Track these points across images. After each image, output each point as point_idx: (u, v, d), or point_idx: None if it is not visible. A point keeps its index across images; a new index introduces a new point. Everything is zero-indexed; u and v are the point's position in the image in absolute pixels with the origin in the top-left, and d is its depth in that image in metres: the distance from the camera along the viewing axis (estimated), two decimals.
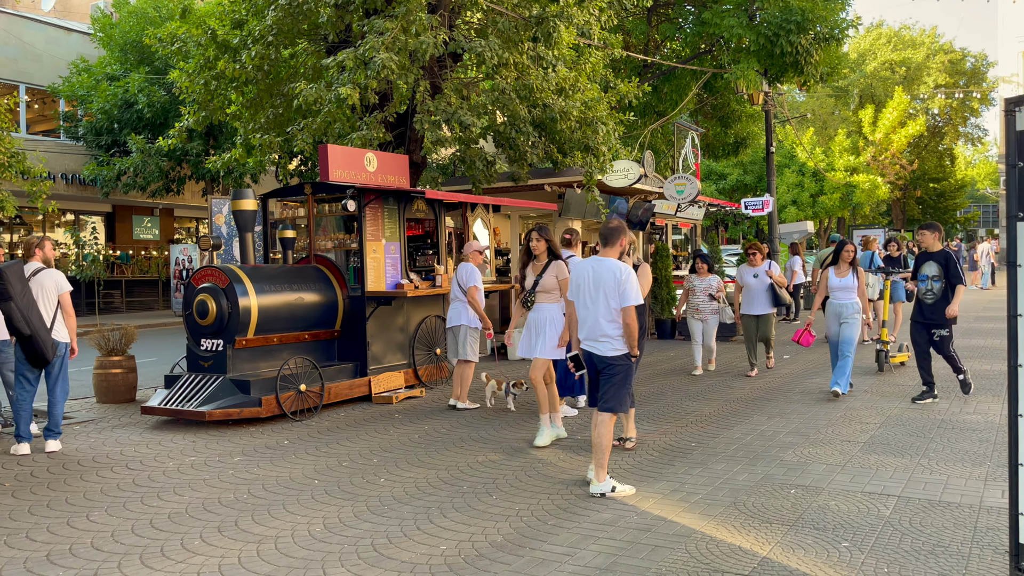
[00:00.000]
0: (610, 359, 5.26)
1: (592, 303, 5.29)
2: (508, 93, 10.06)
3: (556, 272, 6.68)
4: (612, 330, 5.23)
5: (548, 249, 6.73)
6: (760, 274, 9.86)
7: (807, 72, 17.04)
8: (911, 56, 49.86)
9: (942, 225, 8.23)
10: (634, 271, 5.86)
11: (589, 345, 5.35)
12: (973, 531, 4.42)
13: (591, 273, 5.31)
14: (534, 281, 6.70)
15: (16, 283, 6.63)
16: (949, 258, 7.97)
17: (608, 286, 5.20)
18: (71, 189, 22.25)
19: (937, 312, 7.98)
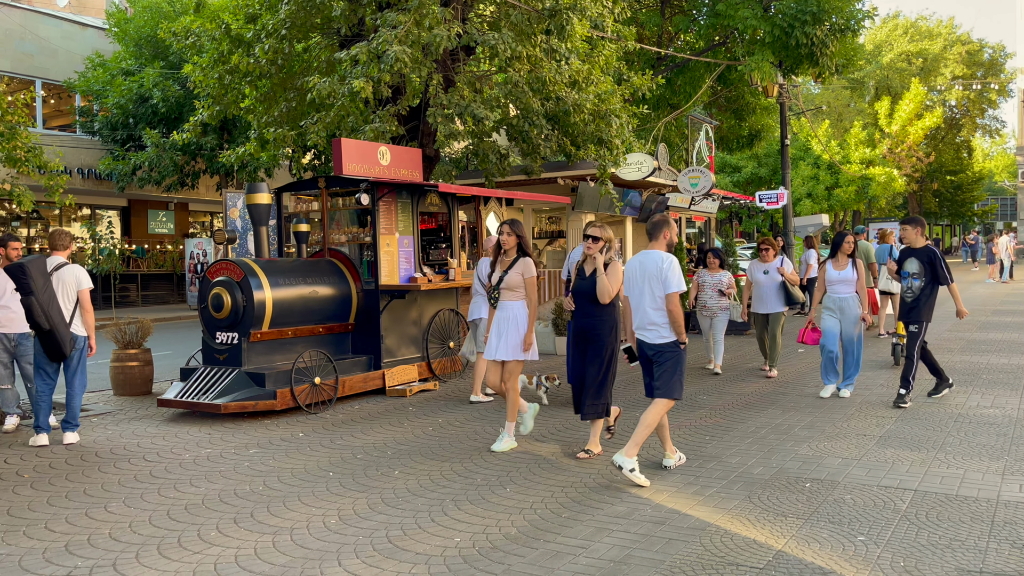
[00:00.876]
0: (659, 346, 5.53)
1: (640, 293, 5.62)
2: (521, 86, 10.03)
3: (523, 269, 6.28)
4: (659, 318, 5.51)
5: (518, 245, 6.35)
6: (771, 271, 9.49)
7: (822, 64, 16.89)
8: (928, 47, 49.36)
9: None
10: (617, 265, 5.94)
11: (639, 334, 5.68)
12: (990, 525, 4.39)
13: (638, 266, 5.66)
14: (499, 277, 6.34)
15: (38, 278, 6.71)
16: (934, 256, 7.52)
17: (652, 276, 5.52)
18: (87, 184, 22.41)
19: (917, 311, 7.57)
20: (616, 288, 5.97)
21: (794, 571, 3.84)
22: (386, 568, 4.02)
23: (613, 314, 6.05)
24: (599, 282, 5.89)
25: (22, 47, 21.71)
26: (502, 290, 6.32)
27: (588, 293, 5.97)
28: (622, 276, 5.86)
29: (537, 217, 15.51)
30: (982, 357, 10.45)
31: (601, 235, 5.94)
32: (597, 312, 5.99)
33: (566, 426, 7.10)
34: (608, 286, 5.89)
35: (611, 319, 6.04)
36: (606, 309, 6.00)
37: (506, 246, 6.36)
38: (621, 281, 5.90)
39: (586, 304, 6.02)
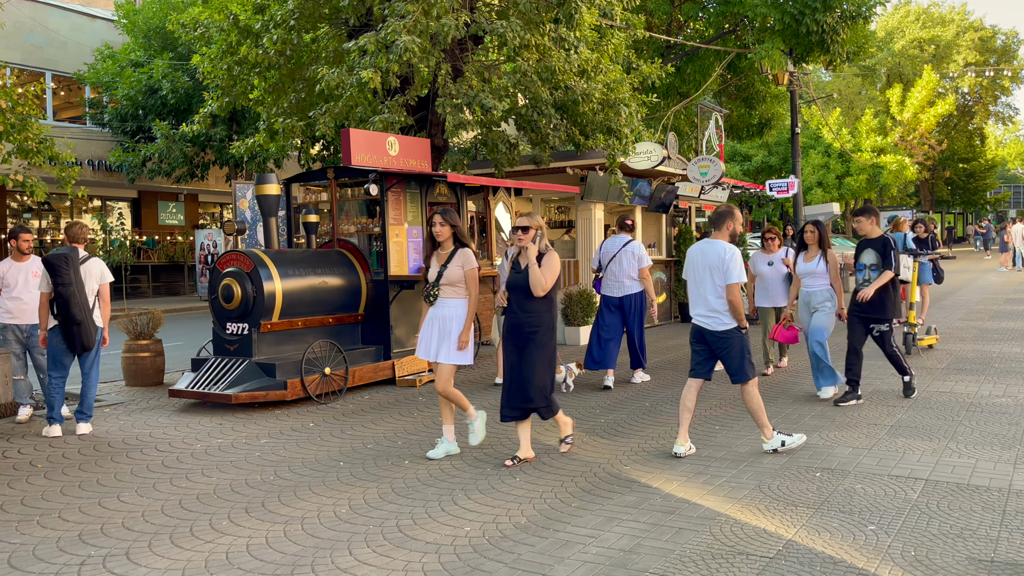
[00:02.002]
0: (720, 333, 5.69)
1: (701, 282, 5.74)
2: (530, 75, 9.99)
3: (462, 261, 5.72)
4: (719, 306, 5.66)
5: (454, 235, 5.79)
6: (776, 262, 8.91)
7: (833, 51, 16.75)
8: (940, 34, 48.92)
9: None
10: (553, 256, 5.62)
11: (700, 321, 5.77)
12: (1002, 515, 4.37)
13: (700, 255, 5.77)
14: (438, 272, 5.77)
15: (75, 271, 6.79)
16: (886, 244, 7.18)
17: (714, 266, 5.65)
18: (97, 175, 22.50)
19: (876, 305, 7.18)
20: (552, 280, 5.57)
21: (804, 561, 3.84)
22: (397, 557, 4.04)
23: (550, 309, 5.66)
24: (532, 274, 5.50)
25: (32, 39, 21.77)
26: (442, 286, 5.77)
27: (522, 287, 5.58)
28: (559, 267, 5.59)
29: (546, 207, 15.48)
30: (994, 346, 10.40)
31: (531, 224, 5.63)
32: (532, 307, 5.58)
33: (583, 415, 7.10)
34: (542, 278, 5.51)
35: (548, 314, 5.65)
36: (542, 303, 5.60)
37: (440, 237, 5.77)
38: (558, 272, 5.60)
39: (521, 299, 5.62)
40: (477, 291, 5.75)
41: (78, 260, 6.88)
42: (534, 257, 5.54)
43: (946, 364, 9.18)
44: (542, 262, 5.58)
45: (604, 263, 8.70)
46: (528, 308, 5.59)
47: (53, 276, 6.72)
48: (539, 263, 5.56)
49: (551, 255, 5.63)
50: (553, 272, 5.58)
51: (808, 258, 7.79)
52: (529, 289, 5.52)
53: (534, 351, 5.56)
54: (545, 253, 5.62)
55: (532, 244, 5.56)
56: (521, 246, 5.62)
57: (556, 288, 5.68)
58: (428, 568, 3.90)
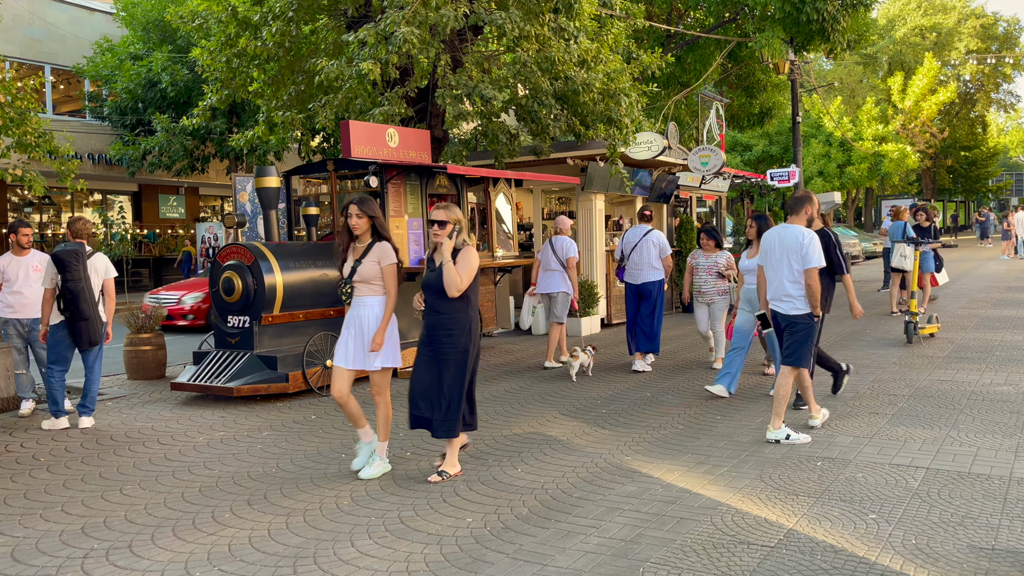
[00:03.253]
0: (793, 317, 5.77)
1: (777, 266, 5.83)
2: (529, 66, 9.96)
3: (379, 256, 5.18)
4: (795, 291, 5.75)
5: (372, 227, 5.28)
6: None
7: (834, 39, 16.67)
8: (942, 21, 48.69)
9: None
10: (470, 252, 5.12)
11: (774, 305, 5.88)
12: (1003, 503, 4.38)
13: (777, 239, 5.86)
14: (351, 268, 5.24)
15: (84, 266, 6.81)
16: (828, 240, 6.61)
17: (791, 250, 5.74)
18: (97, 169, 22.48)
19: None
20: (469, 279, 5.07)
21: (805, 550, 3.85)
22: (398, 548, 4.05)
23: (467, 310, 5.15)
24: (446, 273, 5.01)
25: (30, 33, 21.72)
26: (356, 283, 5.24)
27: (437, 287, 5.09)
28: (476, 264, 5.11)
29: (547, 198, 15.46)
30: (996, 334, 10.39)
31: (448, 218, 5.10)
32: (447, 308, 5.10)
33: (585, 405, 7.10)
34: (456, 277, 5.00)
35: (464, 316, 5.14)
36: (457, 304, 5.10)
37: (357, 230, 5.23)
38: (475, 270, 5.09)
39: (435, 299, 5.14)
40: (396, 289, 5.22)
41: (86, 256, 6.89)
42: (449, 254, 5.06)
43: (947, 352, 9.17)
44: (457, 259, 5.08)
45: (627, 252, 9.06)
46: (442, 309, 5.12)
47: (62, 272, 6.73)
48: (455, 259, 5.08)
49: (467, 252, 5.12)
50: (469, 270, 5.08)
51: (752, 254, 7.40)
52: (443, 289, 5.04)
53: (448, 356, 5.10)
54: (461, 249, 5.12)
55: (448, 240, 5.07)
56: (436, 242, 5.12)
57: (475, 288, 5.21)
58: (430, 559, 3.91)
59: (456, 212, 5.17)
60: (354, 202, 5.24)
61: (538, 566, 3.78)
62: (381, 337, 5.17)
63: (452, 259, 5.04)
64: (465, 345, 5.13)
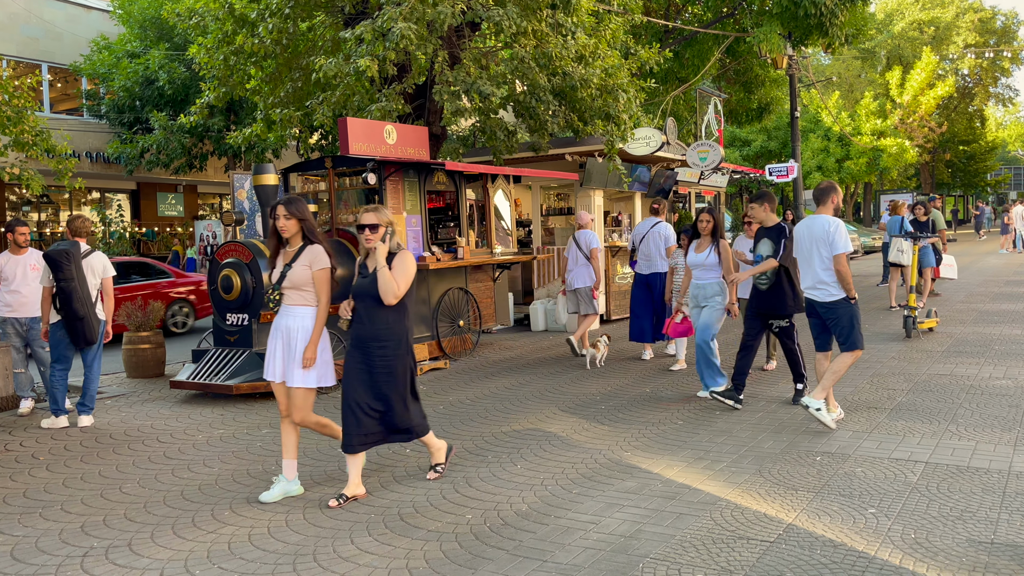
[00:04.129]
0: (830, 304, 5.93)
1: (809, 256, 6.00)
2: (527, 62, 9.94)
3: (311, 260, 4.76)
4: (828, 277, 5.91)
5: (303, 230, 4.85)
6: None
7: (832, 34, 16.66)
8: (940, 15, 48.64)
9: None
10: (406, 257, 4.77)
11: (810, 294, 6.02)
12: (1002, 496, 4.38)
13: (807, 230, 6.03)
14: (280, 273, 4.82)
15: (77, 265, 6.79)
16: (781, 233, 6.57)
17: (820, 239, 5.92)
18: (95, 167, 22.45)
19: (773, 299, 6.63)
20: (407, 284, 4.74)
21: (804, 544, 3.85)
22: (398, 545, 4.06)
23: (402, 320, 4.80)
24: (380, 279, 4.65)
25: (27, 31, 21.67)
26: (285, 290, 4.82)
27: (370, 295, 4.71)
28: (414, 269, 4.79)
29: (545, 194, 15.45)
30: (994, 328, 10.39)
31: (379, 220, 4.71)
32: (381, 318, 4.73)
33: (583, 401, 7.10)
34: (393, 282, 4.66)
35: (400, 327, 4.79)
36: (392, 313, 4.75)
37: (285, 232, 4.81)
38: (412, 275, 4.77)
39: (369, 308, 4.75)
40: (329, 297, 4.80)
41: (80, 255, 6.87)
42: (383, 259, 4.69)
43: (946, 347, 9.18)
44: (393, 264, 4.73)
45: (636, 244, 9.40)
46: (376, 319, 4.74)
47: (54, 271, 6.71)
48: (389, 265, 4.73)
49: (404, 256, 4.77)
50: (406, 276, 4.74)
51: (699, 248, 7.21)
52: (378, 296, 4.68)
53: (381, 369, 4.72)
54: (397, 253, 4.77)
55: (382, 244, 4.70)
56: (369, 247, 4.74)
57: (411, 296, 4.88)
58: (430, 555, 3.91)
59: (387, 214, 4.78)
60: (281, 203, 4.83)
61: (538, 562, 3.78)
62: (313, 352, 4.73)
63: (387, 264, 4.70)
64: (401, 357, 4.77)
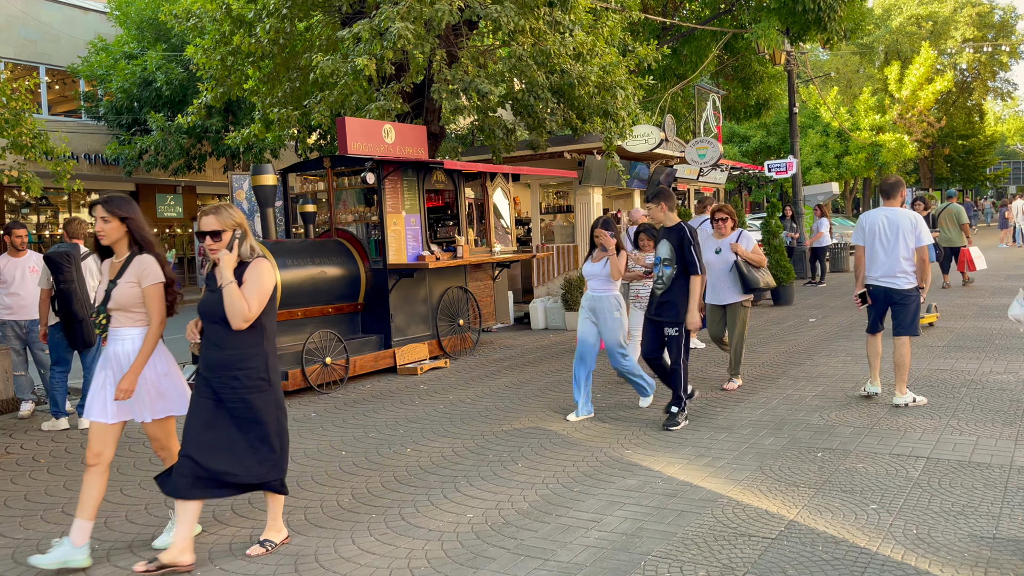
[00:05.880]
0: (906, 291, 6.26)
1: (891, 246, 6.26)
2: (525, 60, 9.94)
3: (139, 275, 3.94)
4: (908, 267, 6.24)
5: (130, 236, 4.02)
6: (724, 248, 7.30)
7: (830, 29, 16.66)
8: (938, 10, 48.60)
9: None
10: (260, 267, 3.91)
11: (887, 282, 6.29)
12: (1004, 491, 4.38)
13: (885, 221, 6.30)
14: (105, 291, 4.00)
15: (77, 267, 6.79)
16: (683, 236, 6.04)
17: (906, 230, 6.22)
18: (94, 169, 22.44)
19: (669, 306, 6.10)
20: (261, 302, 3.84)
21: (806, 541, 3.85)
22: (400, 545, 4.05)
23: (260, 343, 3.91)
24: (227, 298, 3.77)
25: (25, 33, 21.65)
26: (112, 312, 3.99)
27: (217, 314, 3.85)
28: (271, 282, 3.90)
29: (544, 192, 15.45)
30: (995, 323, 10.39)
31: (223, 225, 3.85)
32: (233, 342, 3.85)
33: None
34: (241, 302, 3.78)
35: (257, 352, 3.89)
36: (248, 335, 3.87)
37: (105, 238, 4.01)
38: (269, 289, 3.88)
39: (217, 330, 3.88)
40: (163, 316, 4.00)
41: (79, 257, 6.87)
42: (231, 271, 3.81)
43: (947, 342, 9.17)
44: (245, 276, 3.84)
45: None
46: (227, 343, 3.85)
47: (55, 273, 6.71)
48: (240, 278, 3.84)
49: (258, 267, 3.88)
50: (260, 291, 3.84)
51: (596, 259, 6.58)
52: (226, 318, 3.80)
53: (236, 404, 3.86)
54: (250, 262, 3.90)
55: (228, 253, 3.83)
56: (215, 257, 3.87)
57: (271, 314, 3.96)
58: (431, 555, 3.91)
59: (234, 215, 3.90)
60: (100, 202, 4.01)
61: (539, 560, 3.78)
62: (130, 382, 3.89)
63: (237, 277, 3.83)
64: (259, 389, 3.89)
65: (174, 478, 3.83)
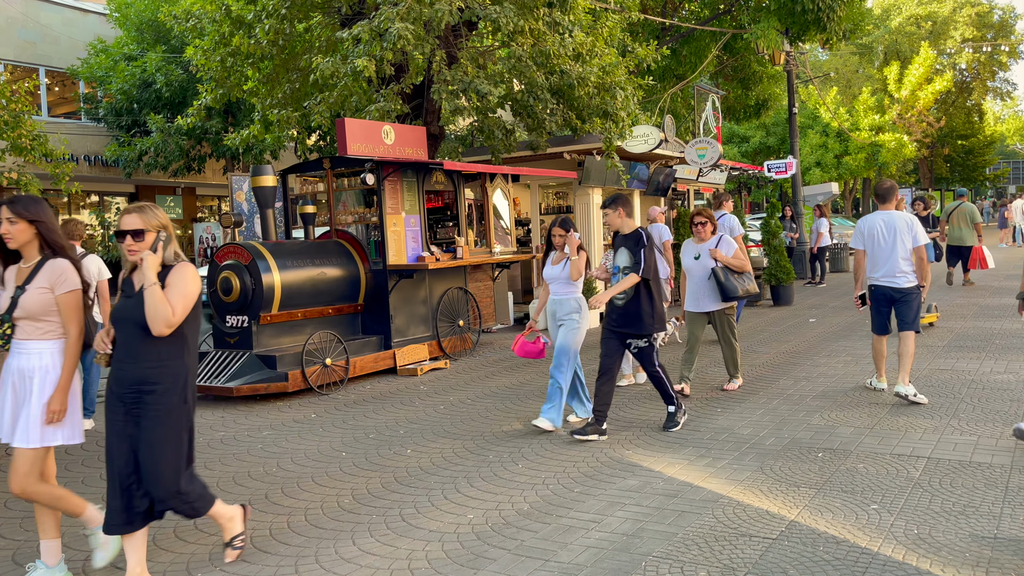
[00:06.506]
0: (907, 289, 6.52)
1: (891, 247, 6.51)
2: (525, 60, 9.94)
3: (52, 280, 3.70)
4: (907, 266, 6.50)
5: (40, 239, 3.79)
6: (703, 254, 7.10)
7: (830, 29, 16.66)
8: (937, 10, 48.62)
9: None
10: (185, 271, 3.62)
11: (888, 281, 6.53)
12: (1004, 491, 4.37)
13: (883, 225, 6.58)
14: (11, 298, 3.70)
15: None
16: (639, 241, 5.90)
17: (903, 232, 6.51)
18: (94, 170, 22.44)
19: (631, 317, 5.93)
20: (185, 308, 3.53)
21: (807, 541, 3.85)
22: (400, 546, 4.05)
23: (180, 355, 3.60)
24: (148, 301, 3.45)
25: (24, 35, 21.66)
26: (18, 321, 3.67)
27: (134, 321, 3.52)
28: (196, 288, 3.59)
29: (544, 193, 15.44)
30: (995, 322, 10.39)
31: (146, 225, 3.57)
32: (151, 352, 3.54)
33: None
34: (165, 306, 3.46)
35: (177, 364, 3.59)
36: (165, 347, 3.55)
37: (12, 242, 3.72)
38: (193, 296, 3.57)
39: (132, 339, 3.55)
40: (82, 327, 3.72)
41: (78, 259, 6.85)
42: (154, 274, 3.50)
43: (947, 341, 9.17)
44: (168, 280, 3.55)
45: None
46: (143, 353, 3.53)
47: None
48: (163, 282, 3.55)
49: (182, 270, 3.59)
50: (185, 297, 3.54)
51: (556, 261, 6.33)
52: (146, 324, 3.48)
53: (155, 421, 3.53)
54: (173, 266, 3.60)
55: (151, 255, 3.54)
56: (135, 259, 3.57)
57: (193, 323, 3.64)
58: (432, 556, 3.91)
59: (160, 216, 3.63)
60: (4, 203, 3.72)
61: (540, 561, 3.77)
62: (60, 402, 3.61)
63: (160, 281, 3.53)
64: (175, 407, 3.57)
65: (108, 514, 3.57)
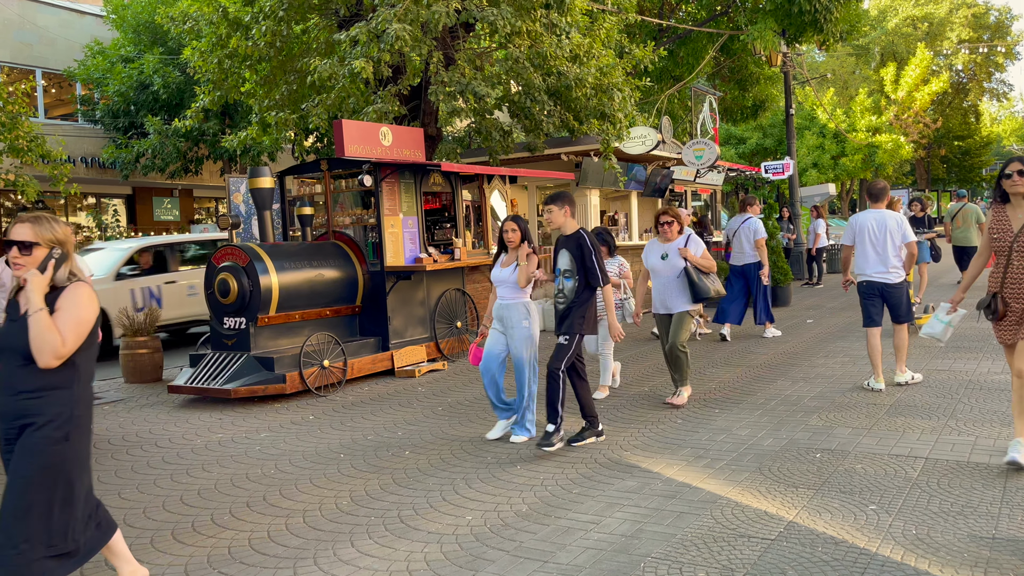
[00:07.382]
0: (897, 284, 6.90)
1: (881, 245, 6.88)
2: (522, 62, 9.94)
3: None
4: (897, 262, 6.90)
5: None
6: (671, 253, 6.78)
7: (826, 30, 16.69)
8: (933, 11, 48.73)
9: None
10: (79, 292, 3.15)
11: (880, 277, 6.90)
12: (1003, 491, 4.38)
13: (874, 223, 6.92)
14: None
15: None
16: (582, 244, 5.52)
17: (893, 230, 6.88)
18: (91, 172, 22.42)
19: (569, 321, 5.57)
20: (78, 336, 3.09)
21: (806, 542, 3.85)
22: (398, 547, 4.05)
23: (70, 385, 3.13)
24: (33, 328, 3.02)
25: (21, 37, 21.63)
26: None
27: (16, 349, 3.08)
28: (93, 313, 3.14)
29: (541, 194, 15.44)
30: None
31: (38, 237, 3.13)
32: (35, 383, 3.07)
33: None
34: (53, 334, 3.03)
35: (64, 396, 3.11)
36: (53, 377, 3.09)
37: None
38: (90, 322, 3.13)
39: (16, 369, 3.09)
40: None
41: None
42: (40, 297, 3.06)
43: (945, 342, 9.18)
44: (59, 303, 3.10)
45: (730, 237, 10.47)
46: (26, 384, 3.07)
47: None
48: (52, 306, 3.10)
49: (76, 292, 3.14)
50: (78, 323, 3.09)
51: (505, 263, 5.96)
52: (30, 354, 3.04)
53: (23, 455, 3.04)
54: (67, 287, 3.16)
55: (36, 274, 3.08)
56: (18, 274, 3.12)
57: (88, 352, 3.21)
58: (430, 558, 3.90)
59: (55, 229, 3.17)
60: None
61: (539, 563, 3.77)
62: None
63: (50, 305, 3.09)
64: (55, 440, 3.07)
65: None
